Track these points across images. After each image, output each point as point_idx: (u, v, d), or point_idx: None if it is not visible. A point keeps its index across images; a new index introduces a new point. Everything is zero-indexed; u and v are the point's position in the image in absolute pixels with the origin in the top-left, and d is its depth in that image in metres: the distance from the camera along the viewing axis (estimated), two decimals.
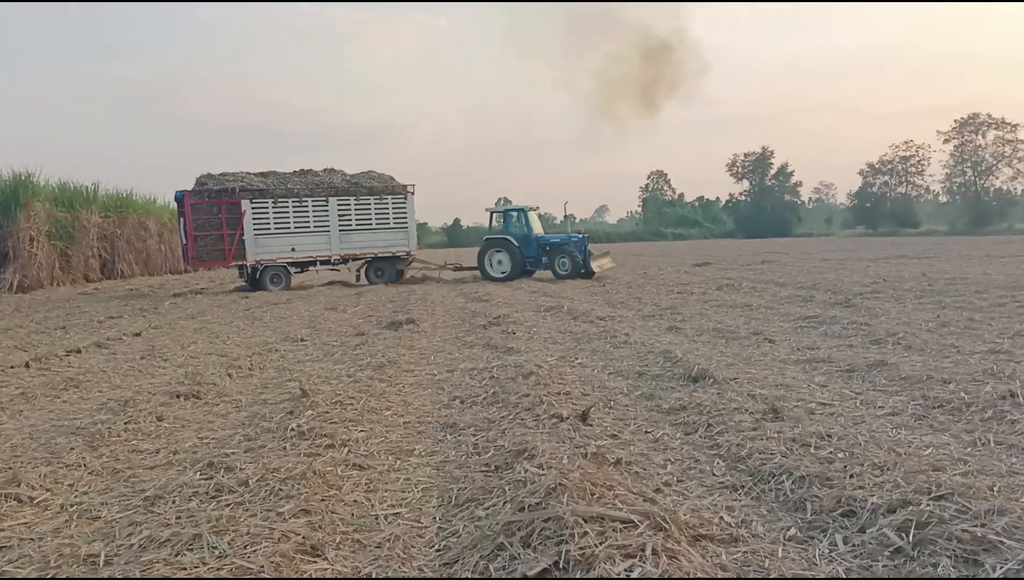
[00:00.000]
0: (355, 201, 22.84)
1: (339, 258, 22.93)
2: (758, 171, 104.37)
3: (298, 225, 22.32)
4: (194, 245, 21.51)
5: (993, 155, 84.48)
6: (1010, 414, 5.39)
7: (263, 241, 21.94)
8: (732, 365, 7.82)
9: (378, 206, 23.13)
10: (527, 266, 23.36)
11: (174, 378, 7.99)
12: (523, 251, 23.08)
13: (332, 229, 22.59)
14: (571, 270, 22.44)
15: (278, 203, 22.05)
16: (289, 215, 22.22)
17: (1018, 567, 2.98)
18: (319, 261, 22.83)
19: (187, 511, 3.89)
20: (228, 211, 21.54)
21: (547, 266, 23.12)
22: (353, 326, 12.45)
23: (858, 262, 27.16)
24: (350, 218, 22.82)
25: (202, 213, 21.46)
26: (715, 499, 4.13)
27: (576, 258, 22.47)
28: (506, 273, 23.04)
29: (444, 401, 6.79)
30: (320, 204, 22.49)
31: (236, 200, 21.60)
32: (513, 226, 23.59)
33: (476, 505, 4.02)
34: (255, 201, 21.78)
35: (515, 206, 24.01)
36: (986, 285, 15.33)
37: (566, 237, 23.47)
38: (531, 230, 23.37)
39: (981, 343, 8.64)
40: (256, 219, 21.80)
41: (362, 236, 22.99)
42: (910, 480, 3.94)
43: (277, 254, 22.11)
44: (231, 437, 5.56)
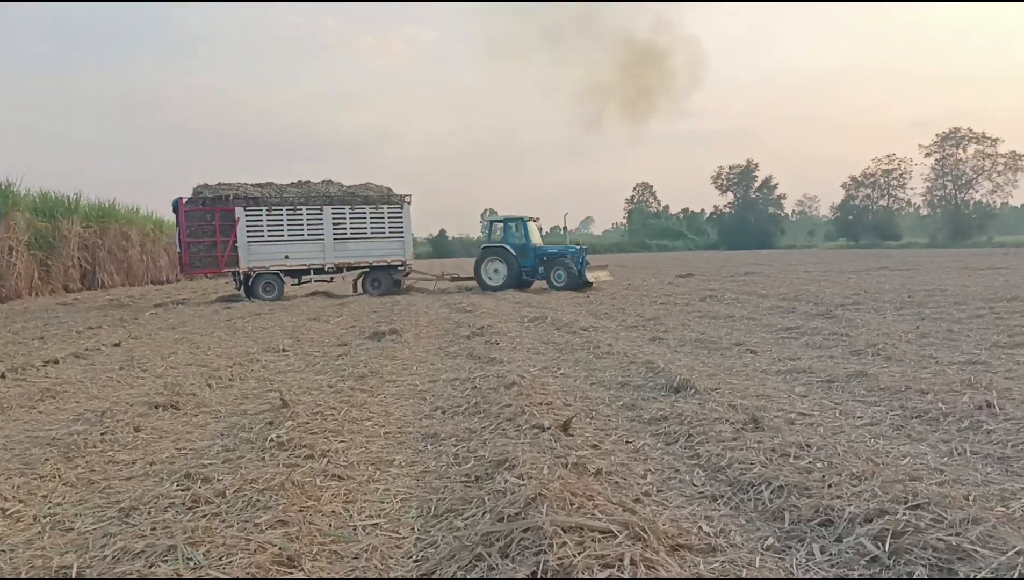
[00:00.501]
0: (350, 210, 22.93)
1: (333, 266, 22.93)
2: (742, 184, 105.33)
3: (292, 233, 22.43)
4: (187, 252, 21.74)
5: (974, 169, 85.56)
6: (986, 424, 5.43)
7: (256, 248, 22.06)
8: (714, 375, 7.84)
9: (374, 216, 23.18)
10: (524, 276, 23.36)
11: (153, 389, 7.92)
12: (520, 261, 23.09)
13: (326, 237, 22.66)
14: (567, 282, 22.45)
15: (272, 211, 22.20)
16: (283, 223, 22.35)
17: (991, 575, 3.00)
18: (313, 269, 22.84)
19: (162, 522, 3.84)
20: (222, 218, 21.71)
21: (544, 277, 23.18)
22: (336, 336, 12.40)
23: (840, 274, 27.35)
24: (345, 227, 22.87)
25: (196, 220, 21.68)
26: (694, 509, 4.14)
27: (572, 270, 22.46)
28: (502, 283, 23.03)
29: (426, 411, 6.77)
30: (314, 212, 22.60)
31: (230, 207, 21.76)
32: (511, 236, 23.56)
33: (455, 516, 4.00)
34: (249, 209, 21.95)
35: (514, 216, 23.97)
36: (965, 297, 15.46)
37: (564, 248, 23.52)
38: (529, 240, 23.34)
39: (959, 354, 8.71)
40: (250, 226, 21.95)
41: (357, 245, 23.04)
42: (887, 490, 3.95)
43: (270, 262, 22.21)
44: (209, 448, 5.51)
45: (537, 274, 23.38)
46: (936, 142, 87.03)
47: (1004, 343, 9.38)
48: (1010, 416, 5.53)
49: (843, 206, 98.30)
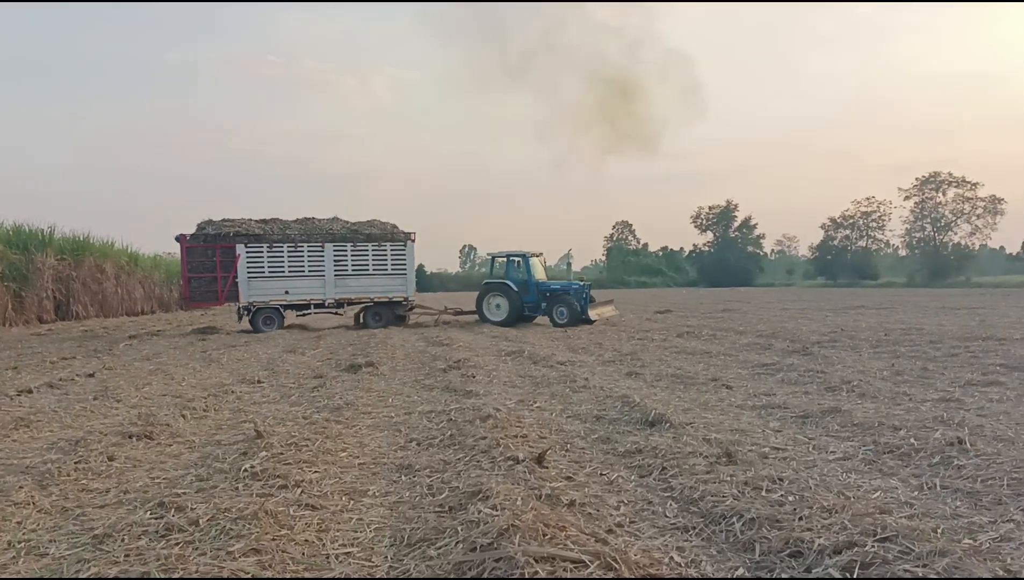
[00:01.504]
0: (352, 247, 23.10)
1: (333, 302, 23.11)
2: (722, 223, 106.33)
3: (293, 269, 22.71)
4: (187, 285, 22.24)
5: (953, 212, 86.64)
6: (957, 459, 5.51)
7: (256, 284, 22.41)
8: (689, 410, 7.90)
9: (376, 252, 23.31)
10: (526, 312, 23.26)
11: (127, 419, 7.86)
12: (522, 297, 22.99)
13: (327, 274, 22.86)
14: (569, 318, 22.19)
15: (273, 248, 22.54)
16: (284, 259, 22.65)
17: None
18: (313, 304, 23.05)
19: (136, 549, 3.84)
20: (223, 254, 22.12)
21: (547, 313, 22.97)
22: (311, 369, 12.36)
23: (817, 312, 27.58)
24: (346, 263, 23.04)
25: (197, 256, 22.11)
26: (666, 540, 4.16)
27: (574, 306, 22.26)
28: (504, 318, 22.97)
29: (400, 443, 6.76)
30: (316, 249, 22.85)
31: (231, 245, 22.17)
32: (513, 271, 23.49)
33: (428, 545, 4.01)
34: (250, 245, 22.33)
35: (516, 251, 23.89)
36: (940, 336, 15.66)
37: (567, 284, 23.36)
38: (532, 276, 23.23)
39: (933, 391, 8.82)
40: (250, 262, 22.30)
41: (358, 281, 23.20)
42: (857, 522, 4.00)
43: (270, 297, 22.54)
44: (183, 477, 5.48)
45: (540, 310, 23.17)
46: (916, 185, 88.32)
47: (978, 381, 9.51)
48: (981, 452, 5.61)
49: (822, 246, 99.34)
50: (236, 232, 22.34)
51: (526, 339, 17.45)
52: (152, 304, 37.66)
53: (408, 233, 23.83)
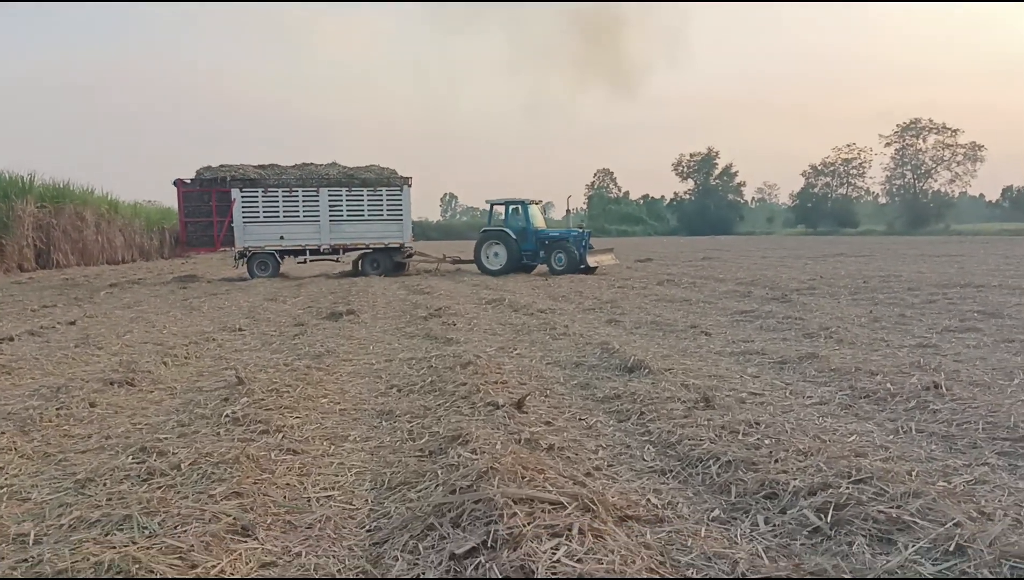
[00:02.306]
0: (347, 192, 22.88)
1: (329, 248, 22.94)
2: (703, 171, 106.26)
3: (287, 214, 22.59)
4: (184, 230, 22.41)
5: (933, 159, 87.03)
6: (933, 404, 5.59)
7: (252, 228, 22.37)
8: (668, 356, 7.96)
9: (371, 197, 23.06)
10: (524, 260, 22.98)
11: (108, 366, 7.83)
12: (521, 245, 22.68)
13: (322, 219, 22.70)
14: (567, 266, 21.92)
15: (268, 193, 22.41)
16: (279, 204, 22.53)
17: (929, 545, 3.11)
18: (308, 250, 22.89)
19: (118, 493, 3.86)
20: (218, 199, 22.09)
21: (545, 261, 22.67)
22: (292, 317, 12.33)
23: (797, 260, 27.76)
24: (341, 209, 22.85)
25: (193, 200, 22.18)
26: (644, 483, 4.22)
27: (572, 254, 21.92)
28: (502, 267, 22.66)
29: (381, 389, 6.79)
30: (311, 194, 22.67)
31: (226, 189, 22.09)
32: (512, 219, 23.15)
33: (408, 488, 4.05)
34: (245, 190, 22.22)
35: (515, 199, 23.43)
36: (919, 283, 15.82)
37: (566, 232, 23.00)
38: (530, 224, 22.91)
39: (910, 337, 8.93)
40: (245, 207, 22.24)
41: (353, 227, 23.00)
42: (832, 465, 4.06)
43: (266, 242, 22.47)
44: (165, 423, 5.49)
45: (538, 258, 22.85)
46: (896, 132, 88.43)
47: (955, 327, 9.63)
48: (956, 396, 5.69)
49: (802, 194, 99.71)
50: (232, 177, 22.22)
51: (507, 287, 17.47)
52: (133, 252, 37.30)
53: (405, 178, 23.49)
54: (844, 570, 2.98)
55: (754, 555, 3.23)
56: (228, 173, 22.30)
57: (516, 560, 2.89)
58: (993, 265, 21.69)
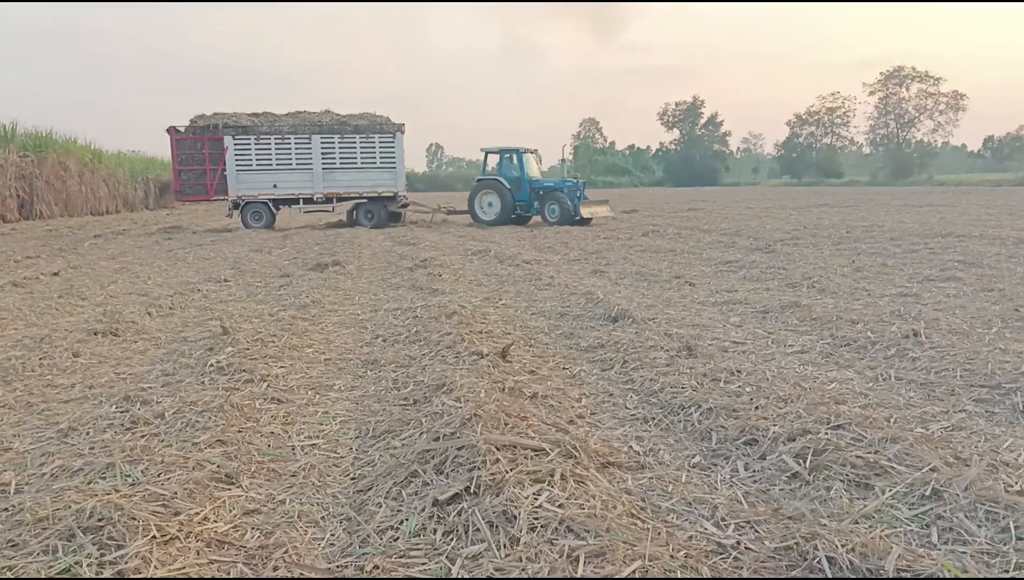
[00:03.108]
0: (339, 139, 22.37)
1: (322, 197, 22.49)
2: (688, 120, 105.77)
3: (280, 162, 22.18)
4: (177, 179, 22.16)
5: (916, 108, 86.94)
6: (912, 352, 5.64)
7: (245, 177, 21.98)
8: (652, 306, 7.99)
9: (364, 145, 22.52)
10: (518, 210, 22.47)
11: (92, 316, 7.78)
12: (515, 194, 22.22)
13: (315, 167, 22.25)
14: (560, 217, 21.46)
15: (260, 140, 21.98)
16: (271, 152, 22.10)
17: (906, 490, 3.16)
18: (302, 199, 22.49)
19: (101, 442, 3.86)
20: (211, 147, 21.73)
21: (539, 212, 22.22)
22: (278, 267, 12.27)
23: (781, 210, 27.80)
24: (334, 156, 22.38)
25: (186, 149, 21.84)
26: (626, 430, 4.27)
27: (566, 204, 21.45)
28: (496, 217, 22.20)
29: (366, 339, 6.79)
30: (303, 141, 22.19)
31: (219, 136, 21.70)
32: (506, 168, 22.64)
33: (393, 436, 4.07)
34: (237, 137, 21.81)
35: (510, 147, 22.87)
36: (901, 233, 15.88)
37: (560, 182, 22.59)
38: (525, 173, 22.35)
39: (891, 287, 8.99)
40: (238, 155, 21.86)
41: (346, 175, 22.50)
42: (811, 411, 4.11)
43: (259, 190, 22.10)
44: (149, 372, 5.48)
45: (533, 209, 22.38)
46: (880, 80, 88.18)
47: (936, 277, 9.70)
48: (935, 345, 5.75)
49: (787, 144, 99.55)
50: (225, 124, 21.81)
51: (492, 238, 17.44)
52: (117, 203, 36.83)
53: (398, 125, 22.94)
54: (822, 515, 3.03)
55: (733, 500, 3.27)
56: (220, 120, 21.89)
57: (498, 505, 2.92)
58: (975, 215, 21.78)
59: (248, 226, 21.88)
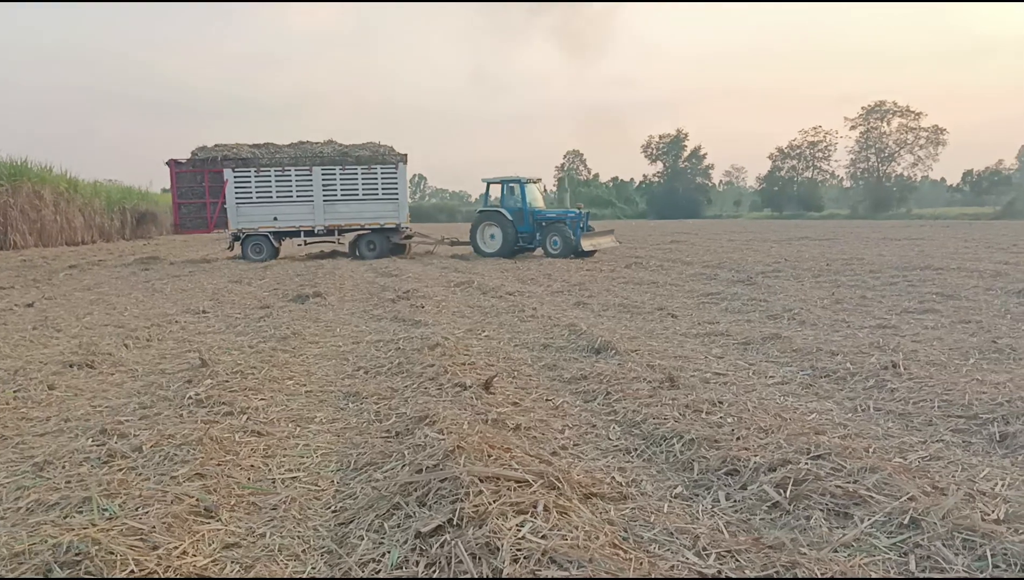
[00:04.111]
0: (341, 171, 22.16)
1: (323, 229, 22.27)
2: (671, 153, 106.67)
3: (280, 194, 21.99)
4: (177, 212, 21.99)
5: (896, 142, 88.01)
6: (890, 383, 5.70)
7: (245, 210, 21.81)
8: (634, 338, 8.02)
9: (366, 176, 22.29)
10: (520, 242, 21.88)
11: (67, 348, 7.72)
12: (517, 226, 21.64)
13: (316, 199, 22.05)
14: (562, 249, 20.77)
15: (261, 172, 21.82)
16: (271, 184, 21.92)
17: (884, 519, 3.18)
18: (303, 231, 22.31)
19: (77, 476, 3.81)
20: (211, 180, 21.64)
21: (541, 243, 21.57)
22: (258, 299, 12.23)
23: (763, 243, 28.01)
24: (335, 188, 22.16)
25: (186, 181, 21.74)
26: (608, 461, 4.27)
27: (568, 236, 20.73)
28: (498, 249, 21.73)
29: (348, 371, 6.77)
30: (303, 173, 22.00)
31: (219, 169, 21.59)
32: (508, 199, 22.14)
33: (375, 469, 4.05)
34: (237, 170, 21.67)
35: (512, 177, 22.42)
36: (880, 266, 16.03)
37: (563, 213, 21.79)
38: (527, 204, 21.78)
39: (871, 319, 9.07)
40: (238, 188, 21.71)
41: (348, 207, 22.27)
42: (792, 442, 4.14)
43: (259, 223, 21.89)
44: (126, 405, 5.43)
45: (535, 241, 21.69)
46: (861, 115, 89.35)
47: (914, 309, 9.79)
48: (913, 376, 5.81)
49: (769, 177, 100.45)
50: (224, 156, 21.69)
51: (475, 270, 17.46)
52: (93, 233, 36.55)
53: (401, 155, 22.71)
54: (802, 543, 3.04)
55: (715, 530, 3.27)
56: (221, 153, 21.78)
57: (481, 537, 2.90)
58: (952, 248, 22.04)
59: (249, 259, 21.59)
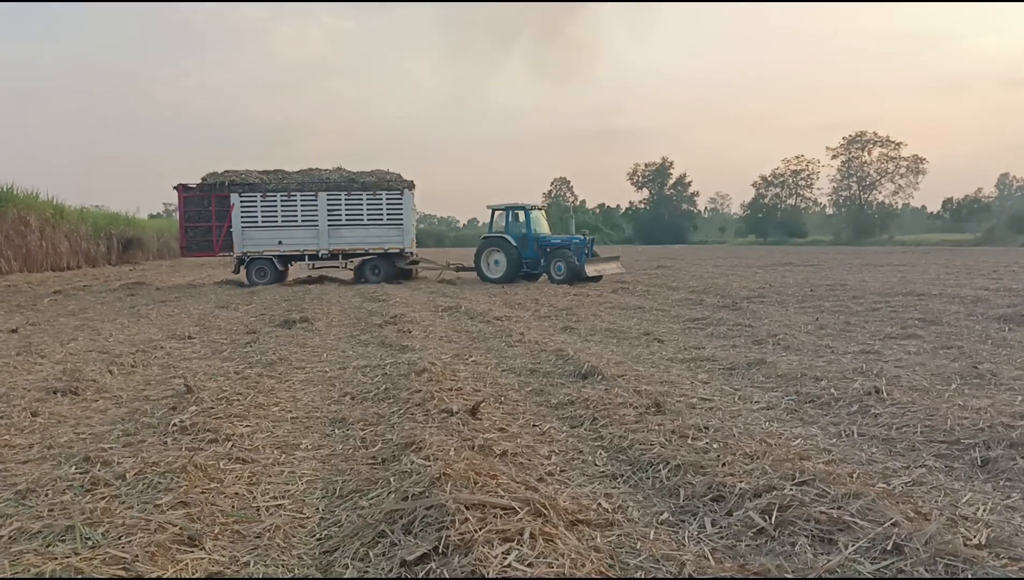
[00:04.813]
0: (346, 196, 22.38)
1: (327, 253, 22.44)
2: (658, 181, 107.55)
3: (286, 219, 22.23)
4: (184, 235, 22.37)
5: (877, 171, 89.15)
6: (874, 408, 5.74)
7: (251, 234, 22.07)
8: (621, 363, 8.04)
9: (371, 202, 22.46)
10: (525, 268, 21.84)
11: (51, 374, 7.66)
12: (521, 252, 21.60)
13: (320, 224, 22.26)
14: (567, 275, 20.50)
15: (266, 197, 22.11)
16: (277, 209, 22.18)
17: (868, 544, 3.20)
18: (308, 255, 22.50)
19: (60, 504, 3.78)
20: (218, 204, 21.98)
21: (545, 269, 21.44)
22: (244, 324, 12.18)
23: (748, 269, 28.19)
24: (340, 213, 22.35)
25: (194, 205, 22.16)
26: (595, 487, 4.27)
27: (572, 262, 20.48)
28: (502, 275, 21.67)
29: (334, 397, 6.75)
30: (309, 198, 22.26)
31: (225, 193, 21.95)
32: (512, 225, 22.07)
33: (360, 496, 4.03)
34: (244, 195, 22.00)
35: (516, 204, 22.41)
36: (863, 291, 16.15)
37: (567, 238, 21.69)
38: (531, 230, 21.69)
39: (854, 344, 9.13)
40: (244, 212, 22.00)
41: (352, 232, 22.45)
42: (777, 468, 4.16)
43: (264, 247, 22.13)
44: (109, 432, 5.39)
45: (540, 267, 21.56)
46: (843, 145, 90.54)
47: (897, 334, 9.87)
48: (896, 401, 5.85)
49: (753, 204, 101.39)
50: (232, 181, 22.04)
51: (463, 295, 17.47)
52: (79, 259, 36.28)
53: (407, 181, 22.89)
54: (787, 570, 3.05)
55: (701, 556, 3.28)
56: (230, 178, 22.11)
57: (467, 565, 2.90)
58: (934, 274, 22.25)
59: (253, 283, 21.84)
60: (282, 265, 22.53)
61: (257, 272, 22.10)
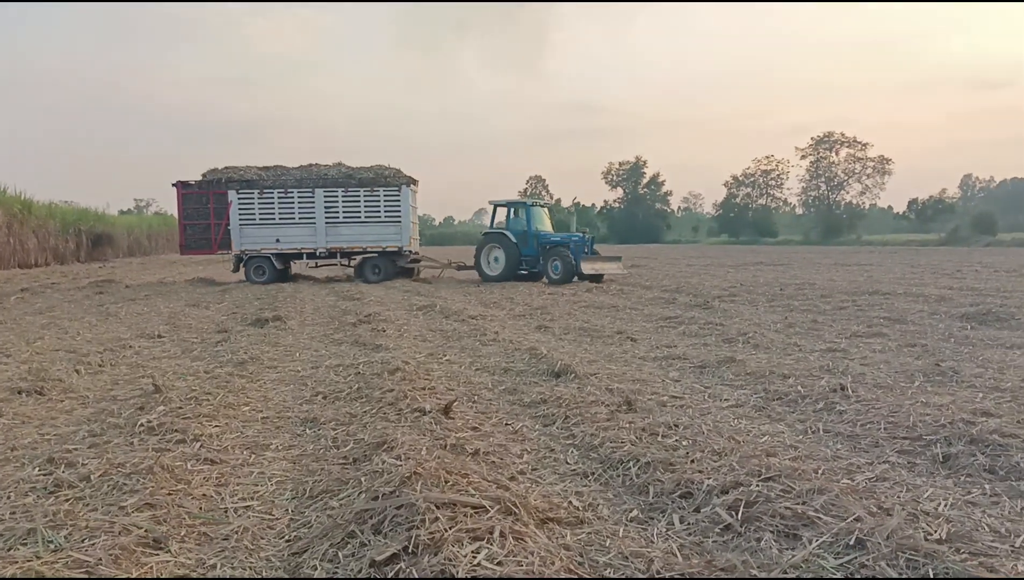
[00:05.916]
0: (343, 193, 21.98)
1: (325, 251, 22.09)
2: (631, 179, 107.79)
3: (283, 216, 21.92)
4: (183, 233, 22.20)
5: (845, 171, 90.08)
6: (839, 405, 5.82)
7: (248, 231, 21.80)
8: (594, 362, 8.08)
9: (368, 198, 22.04)
10: (523, 266, 21.50)
11: (16, 374, 7.54)
12: (521, 249, 21.28)
13: (318, 221, 21.92)
14: (563, 275, 20.12)
15: (264, 194, 21.79)
16: (274, 206, 21.87)
17: (832, 540, 3.24)
18: (305, 254, 22.20)
19: (22, 507, 3.73)
20: (216, 201, 21.76)
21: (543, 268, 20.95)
22: (215, 323, 12.08)
23: (719, 268, 28.39)
24: (337, 210, 21.98)
25: (192, 202, 21.92)
26: (566, 485, 4.29)
27: (568, 261, 20.12)
28: (501, 273, 21.35)
29: (306, 397, 6.71)
30: (306, 195, 21.90)
31: (223, 190, 21.70)
32: (513, 221, 21.78)
33: (330, 496, 4.02)
34: (241, 192, 21.72)
35: (517, 200, 22.22)
36: (831, 290, 16.34)
37: (567, 236, 21.31)
38: (532, 227, 21.35)
39: (821, 342, 9.24)
40: (242, 209, 21.75)
41: (350, 229, 22.07)
42: (744, 464, 4.20)
43: (262, 245, 21.84)
44: (75, 433, 5.33)
45: (539, 265, 21.11)
46: (811, 145, 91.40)
47: (863, 333, 9.99)
48: (861, 398, 5.94)
49: (725, 204, 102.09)
50: (229, 178, 21.78)
51: (438, 294, 17.45)
52: (47, 256, 35.68)
53: (406, 177, 22.47)
54: (752, 566, 3.08)
55: (669, 553, 3.31)
56: (228, 175, 21.86)
57: (437, 564, 2.90)
58: (899, 274, 22.54)
59: (252, 281, 21.61)
60: (281, 263, 22.18)
61: (255, 270, 21.87)
